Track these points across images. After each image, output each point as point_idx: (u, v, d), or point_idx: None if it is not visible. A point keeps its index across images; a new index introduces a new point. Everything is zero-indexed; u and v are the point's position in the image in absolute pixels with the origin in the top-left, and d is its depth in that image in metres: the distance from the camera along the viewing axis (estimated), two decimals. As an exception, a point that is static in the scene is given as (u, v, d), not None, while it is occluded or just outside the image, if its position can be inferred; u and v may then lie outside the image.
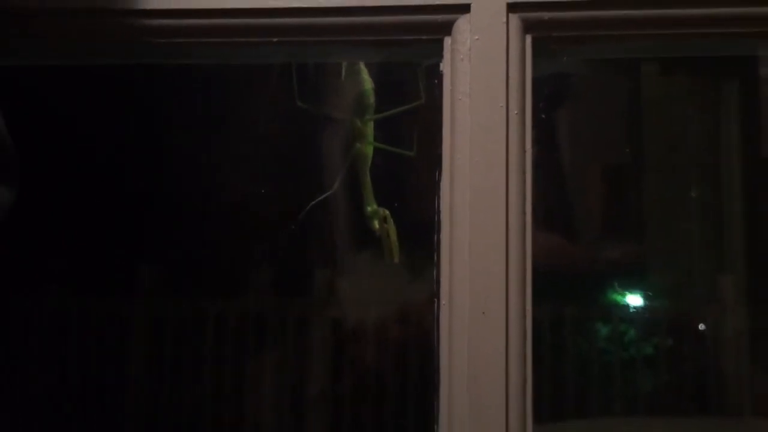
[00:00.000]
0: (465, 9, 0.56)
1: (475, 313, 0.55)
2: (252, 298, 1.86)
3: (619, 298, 2.12)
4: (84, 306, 1.83)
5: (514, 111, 0.55)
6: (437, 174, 0.57)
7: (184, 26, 0.57)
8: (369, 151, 0.65)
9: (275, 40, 0.56)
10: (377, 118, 0.66)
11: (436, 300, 0.57)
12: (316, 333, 1.85)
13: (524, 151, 0.55)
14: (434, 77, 0.58)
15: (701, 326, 2.06)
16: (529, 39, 0.56)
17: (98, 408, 1.76)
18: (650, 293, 2.06)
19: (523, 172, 0.55)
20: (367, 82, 0.66)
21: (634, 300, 2.09)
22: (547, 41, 0.56)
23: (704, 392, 1.99)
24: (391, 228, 0.63)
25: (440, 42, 0.57)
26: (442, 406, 0.55)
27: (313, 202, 0.67)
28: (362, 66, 0.66)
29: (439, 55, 0.57)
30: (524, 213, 0.56)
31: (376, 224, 0.63)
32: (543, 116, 0.57)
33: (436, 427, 0.55)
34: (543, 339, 2.00)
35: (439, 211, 0.57)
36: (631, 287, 2.09)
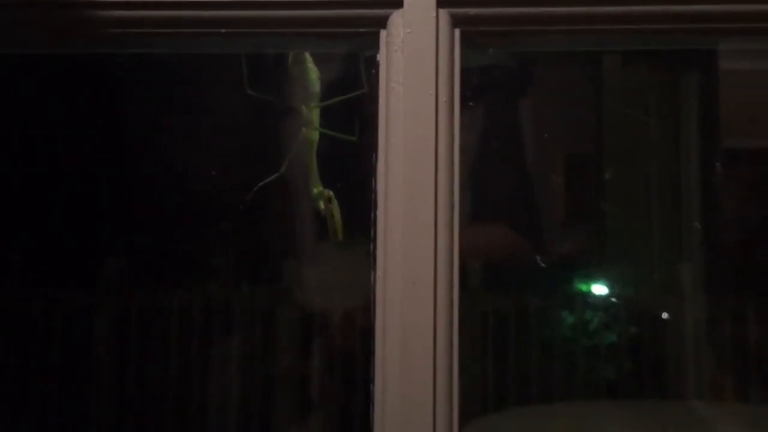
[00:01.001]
0: (398, 4, 0.62)
1: (406, 283, 0.61)
2: (217, 287, 1.91)
3: (581, 287, 2.20)
4: (47, 298, 1.86)
5: (443, 99, 0.62)
6: (374, 156, 0.63)
7: (137, 17, 0.62)
8: (315, 136, 0.71)
9: (223, 31, 0.62)
10: (322, 106, 0.72)
11: (372, 272, 0.63)
12: (283, 322, 1.91)
13: (453, 135, 0.62)
14: (374, 68, 0.64)
15: (664, 315, 2.16)
16: (457, 33, 0.62)
17: (63, 400, 1.79)
18: (611, 282, 2.15)
19: (452, 155, 0.62)
20: (313, 72, 0.72)
21: (596, 289, 2.18)
22: (474, 35, 0.63)
23: (663, 377, 2.08)
24: (335, 208, 0.70)
25: (377, 35, 0.63)
26: (377, 367, 0.62)
27: (261, 183, 0.72)
28: (308, 56, 0.72)
29: (377, 46, 0.64)
30: (452, 192, 0.62)
31: (321, 205, 0.69)
32: (471, 104, 0.63)
33: (372, 386, 0.62)
34: (508, 329, 2.08)
35: (375, 191, 0.63)
36: (593, 277, 2.18)
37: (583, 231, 2.25)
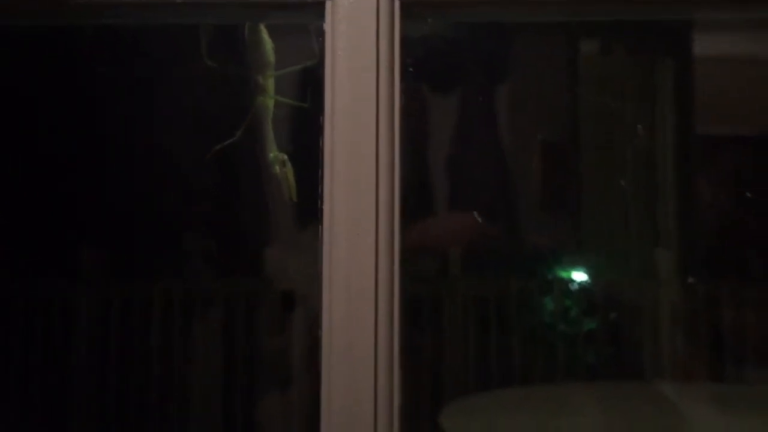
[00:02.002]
0: (343, -23, 0.68)
1: (350, 234, 0.67)
2: (196, 277, 1.95)
3: (559, 273, 2.27)
4: (25, 290, 1.89)
5: (384, 65, 0.68)
6: (321, 119, 0.69)
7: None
8: (270, 104, 0.77)
9: (179, 1, 0.67)
10: (277, 75, 0.78)
11: (320, 227, 0.69)
12: (263, 310, 1.96)
13: (393, 100, 0.68)
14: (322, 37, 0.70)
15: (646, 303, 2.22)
16: (397, 3, 0.68)
17: (43, 392, 1.83)
18: (588, 268, 2.22)
19: (392, 118, 0.68)
20: (268, 43, 0.78)
21: (572, 274, 2.25)
22: (413, 5, 0.69)
23: (640, 360, 2.15)
24: (289, 171, 0.76)
25: (323, 5, 0.69)
26: (324, 311, 0.68)
27: (217, 148, 0.78)
28: (263, 27, 0.78)
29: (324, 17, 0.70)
30: (393, 153, 0.68)
31: (277, 168, 0.76)
32: (411, 69, 0.69)
33: (320, 331, 0.68)
34: (490, 313, 2.15)
35: (322, 151, 0.69)
36: (570, 263, 2.24)
37: (559, 217, 2.32)
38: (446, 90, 1.96)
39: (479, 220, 1.97)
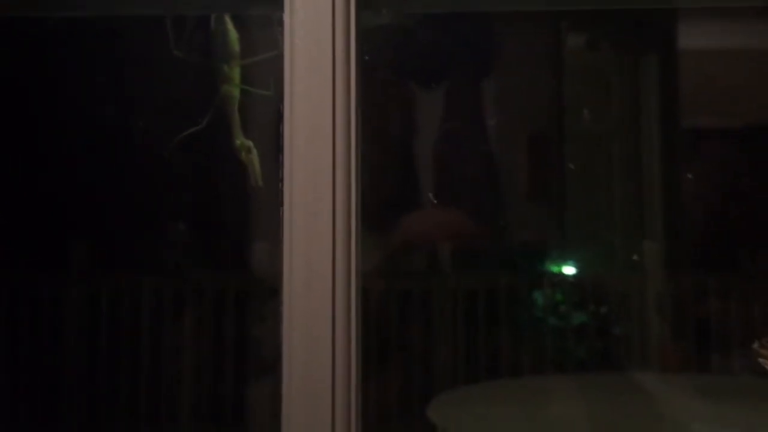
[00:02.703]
0: (300, -32, 0.72)
1: (308, 214, 0.71)
2: (186, 271, 1.98)
3: (547, 267, 2.31)
4: (14, 283, 1.92)
5: (339, 53, 0.72)
6: (282, 106, 0.73)
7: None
8: (236, 92, 0.81)
9: (144, -8, 0.72)
10: (242, 64, 0.82)
11: (281, 207, 0.73)
12: (254, 304, 1.99)
13: (349, 87, 0.72)
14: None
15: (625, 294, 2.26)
16: (353, -6, 0.73)
17: (33, 384, 1.86)
18: (574, 262, 2.26)
19: (348, 105, 0.72)
20: (233, 33, 0.82)
21: (561, 269, 2.29)
22: (369, -4, 0.73)
23: (628, 352, 2.19)
24: (255, 157, 0.80)
25: (283, -3, 0.73)
26: (285, 286, 0.72)
27: (181, 135, 0.82)
28: (228, 18, 0.82)
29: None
30: (349, 136, 0.72)
31: (244, 154, 0.80)
32: (366, 58, 0.73)
33: (281, 294, 0.72)
34: (478, 307, 2.18)
35: (283, 136, 0.73)
36: (557, 257, 2.28)
37: (545, 211, 2.36)
38: (420, 81, 2.00)
39: (460, 216, 2.01)
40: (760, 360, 0.86)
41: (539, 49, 2.19)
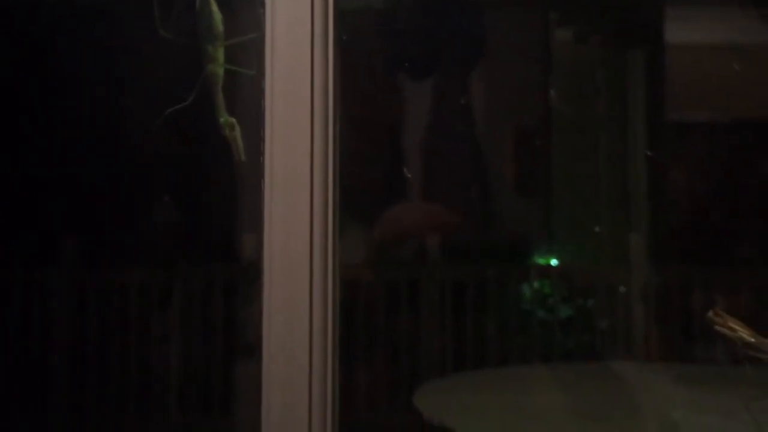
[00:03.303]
0: (281, -48, 0.77)
1: (288, 190, 0.76)
2: (173, 264, 2.01)
3: (534, 259, 2.36)
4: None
5: (318, 31, 0.76)
6: (263, 82, 0.78)
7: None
8: (220, 71, 0.86)
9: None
10: (226, 45, 0.86)
11: (262, 180, 0.78)
12: (244, 296, 2.03)
13: (327, 62, 0.76)
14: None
15: (622, 288, 2.31)
16: (331, -25, 0.77)
17: (21, 378, 1.88)
18: (561, 253, 2.31)
19: (326, 84, 0.77)
20: (217, 14, 0.87)
21: (548, 260, 2.34)
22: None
23: (613, 342, 2.24)
24: (238, 133, 0.85)
25: (265, -22, 0.78)
26: (265, 260, 0.76)
27: (167, 112, 0.87)
28: (212, 0, 0.86)
29: (267, -10, 0.78)
30: (327, 112, 0.77)
31: (227, 131, 0.84)
32: (344, 37, 0.78)
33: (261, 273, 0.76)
34: (466, 297, 2.23)
35: (263, 112, 0.78)
36: (544, 249, 2.33)
37: (532, 203, 2.41)
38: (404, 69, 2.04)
39: (437, 210, 2.06)
40: (716, 328, 0.92)
41: (528, 41, 2.23)
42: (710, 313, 0.94)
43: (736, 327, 0.92)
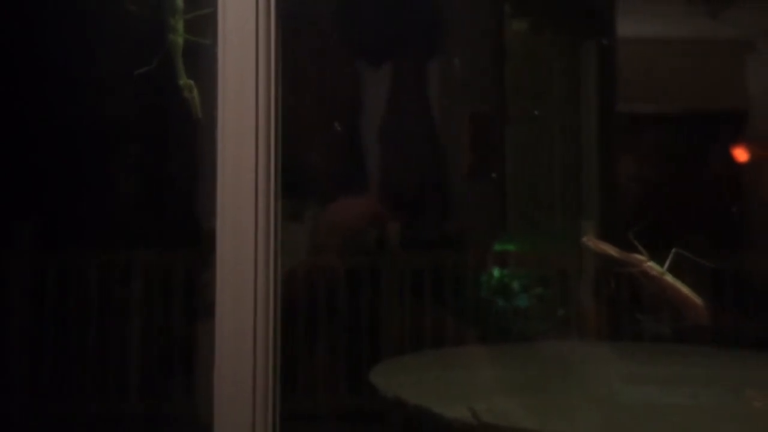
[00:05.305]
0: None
1: (235, 149, 0.91)
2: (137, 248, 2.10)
3: (490, 246, 2.52)
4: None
5: (261, 6, 0.92)
6: (216, 51, 0.93)
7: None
8: (180, 41, 1.01)
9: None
10: (185, 18, 1.02)
11: (216, 145, 0.93)
12: (203, 281, 2.13)
13: (270, 35, 0.92)
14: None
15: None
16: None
17: None
18: (514, 240, 2.47)
19: (268, 46, 0.92)
20: (177, -10, 1.02)
21: (502, 246, 2.50)
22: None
23: (565, 322, 2.39)
24: (196, 94, 1.01)
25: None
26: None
27: (137, 72, 1.02)
28: (173, -24, 1.02)
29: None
30: (269, 76, 0.92)
31: (186, 91, 1.00)
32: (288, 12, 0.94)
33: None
34: (424, 285, 2.37)
35: (217, 75, 0.93)
36: (498, 236, 2.49)
37: (484, 190, 2.56)
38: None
39: (373, 202, 2.20)
40: (590, 246, 1.10)
41: (483, 30, 2.38)
42: (584, 239, 1.13)
43: (605, 248, 1.11)
